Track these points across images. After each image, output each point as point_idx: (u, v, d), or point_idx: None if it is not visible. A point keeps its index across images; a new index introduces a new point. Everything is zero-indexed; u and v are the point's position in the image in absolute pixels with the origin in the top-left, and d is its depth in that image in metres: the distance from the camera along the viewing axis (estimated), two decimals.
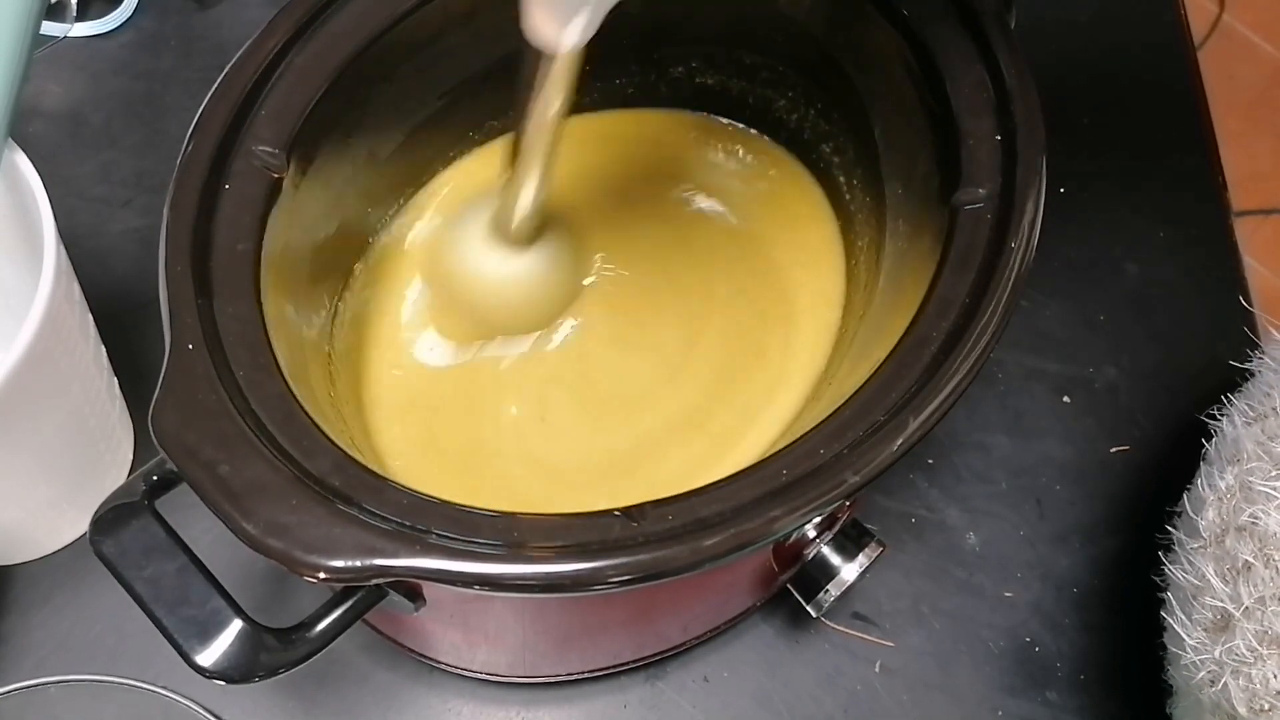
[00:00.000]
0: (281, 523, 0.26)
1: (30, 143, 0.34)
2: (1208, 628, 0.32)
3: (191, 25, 0.52)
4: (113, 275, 0.46)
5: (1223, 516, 0.33)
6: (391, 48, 0.34)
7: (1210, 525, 0.34)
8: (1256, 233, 1.05)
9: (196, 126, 0.32)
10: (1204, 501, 0.34)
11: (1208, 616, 0.32)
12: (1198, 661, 0.32)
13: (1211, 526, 0.34)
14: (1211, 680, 0.32)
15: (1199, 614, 0.33)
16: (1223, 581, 0.32)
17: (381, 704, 0.39)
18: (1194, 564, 0.33)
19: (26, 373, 0.31)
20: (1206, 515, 0.34)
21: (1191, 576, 0.33)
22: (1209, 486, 0.35)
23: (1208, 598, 0.32)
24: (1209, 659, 0.32)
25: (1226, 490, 0.34)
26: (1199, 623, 0.33)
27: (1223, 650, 0.31)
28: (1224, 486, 0.34)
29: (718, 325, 0.39)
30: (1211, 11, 1.12)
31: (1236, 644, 0.31)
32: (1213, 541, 0.33)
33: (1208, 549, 0.33)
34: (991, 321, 0.29)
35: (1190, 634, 0.33)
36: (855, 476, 0.27)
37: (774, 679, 0.40)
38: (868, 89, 0.36)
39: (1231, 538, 0.32)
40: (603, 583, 0.26)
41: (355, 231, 0.38)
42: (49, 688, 0.38)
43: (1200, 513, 0.34)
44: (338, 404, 0.35)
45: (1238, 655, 0.31)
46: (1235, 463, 0.34)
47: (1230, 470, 0.34)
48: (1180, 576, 0.34)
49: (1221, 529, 0.33)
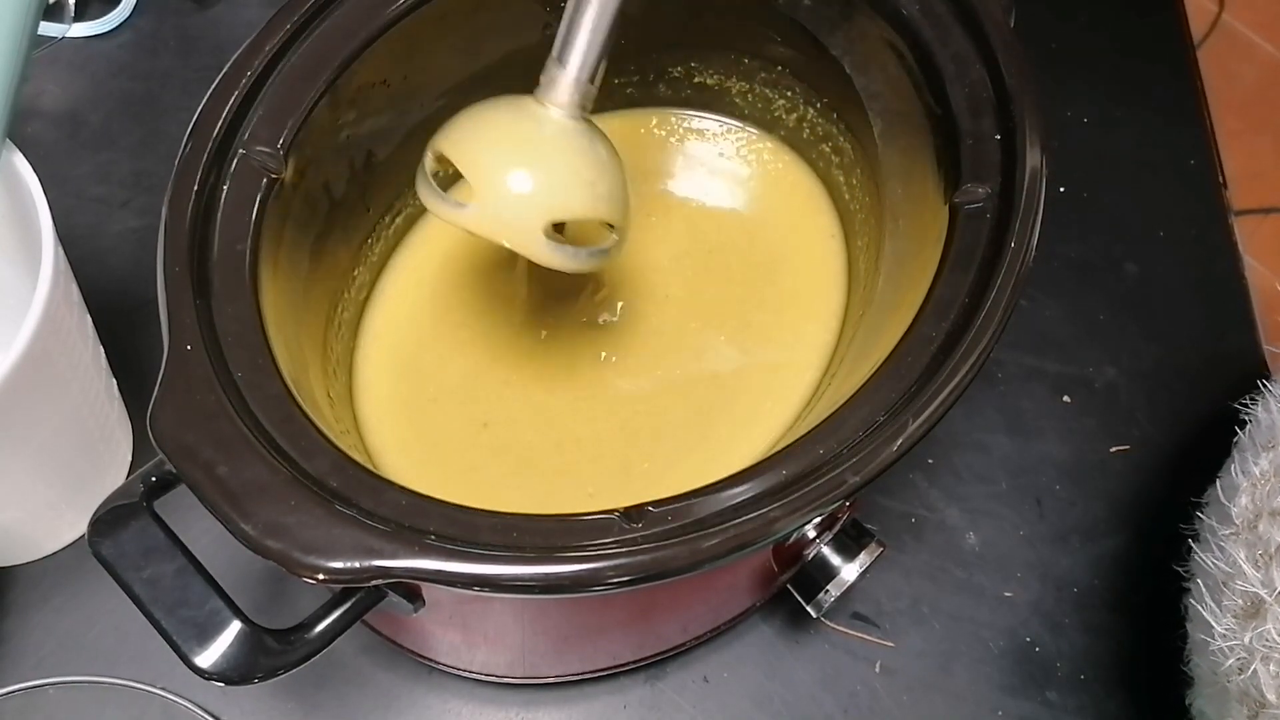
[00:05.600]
0: (280, 524, 0.26)
1: (29, 143, 0.34)
2: (1238, 614, 0.32)
3: (189, 25, 0.52)
4: (111, 275, 0.46)
5: (1256, 501, 0.33)
6: (390, 48, 0.34)
7: (1243, 511, 0.34)
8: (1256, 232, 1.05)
9: (195, 126, 0.32)
10: (1237, 488, 0.34)
11: (1238, 603, 0.32)
12: (1226, 649, 0.32)
13: (1244, 512, 0.34)
14: (1240, 667, 0.32)
15: (1229, 600, 0.33)
16: (1254, 567, 0.32)
17: (381, 705, 0.39)
18: (1225, 550, 0.33)
19: (25, 373, 0.31)
20: (1239, 501, 0.34)
21: (1222, 563, 0.33)
22: (1242, 473, 0.35)
23: (1239, 583, 0.32)
24: (1238, 645, 0.32)
25: (1261, 475, 0.34)
26: (1229, 609, 0.33)
27: (1253, 636, 0.31)
28: (1258, 472, 0.34)
29: (717, 325, 0.39)
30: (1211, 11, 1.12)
31: (1268, 629, 0.31)
32: (1245, 527, 0.33)
33: (1240, 535, 0.33)
34: (991, 321, 0.29)
35: (1219, 621, 0.33)
36: (855, 476, 0.27)
37: (774, 679, 0.40)
38: (867, 89, 0.36)
39: (1265, 522, 0.32)
40: (602, 583, 0.26)
41: (354, 232, 0.38)
42: (49, 688, 0.38)
43: (1233, 499, 0.34)
44: (336, 404, 0.35)
45: (1269, 641, 0.31)
46: (1270, 448, 0.34)
47: (1265, 455, 0.34)
48: (1210, 564, 0.34)
49: (1254, 514, 0.33)
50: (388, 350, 0.38)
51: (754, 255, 0.40)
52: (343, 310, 0.37)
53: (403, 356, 0.38)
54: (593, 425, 0.37)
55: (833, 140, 0.39)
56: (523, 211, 0.29)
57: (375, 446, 0.37)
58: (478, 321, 0.39)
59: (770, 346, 0.38)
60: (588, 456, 0.36)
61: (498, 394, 0.38)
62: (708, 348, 0.38)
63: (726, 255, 0.40)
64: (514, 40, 0.38)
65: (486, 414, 0.37)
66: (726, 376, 0.38)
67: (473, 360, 0.38)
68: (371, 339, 0.38)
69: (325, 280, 0.36)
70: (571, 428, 0.37)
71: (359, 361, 0.38)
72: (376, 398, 0.37)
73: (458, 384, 0.38)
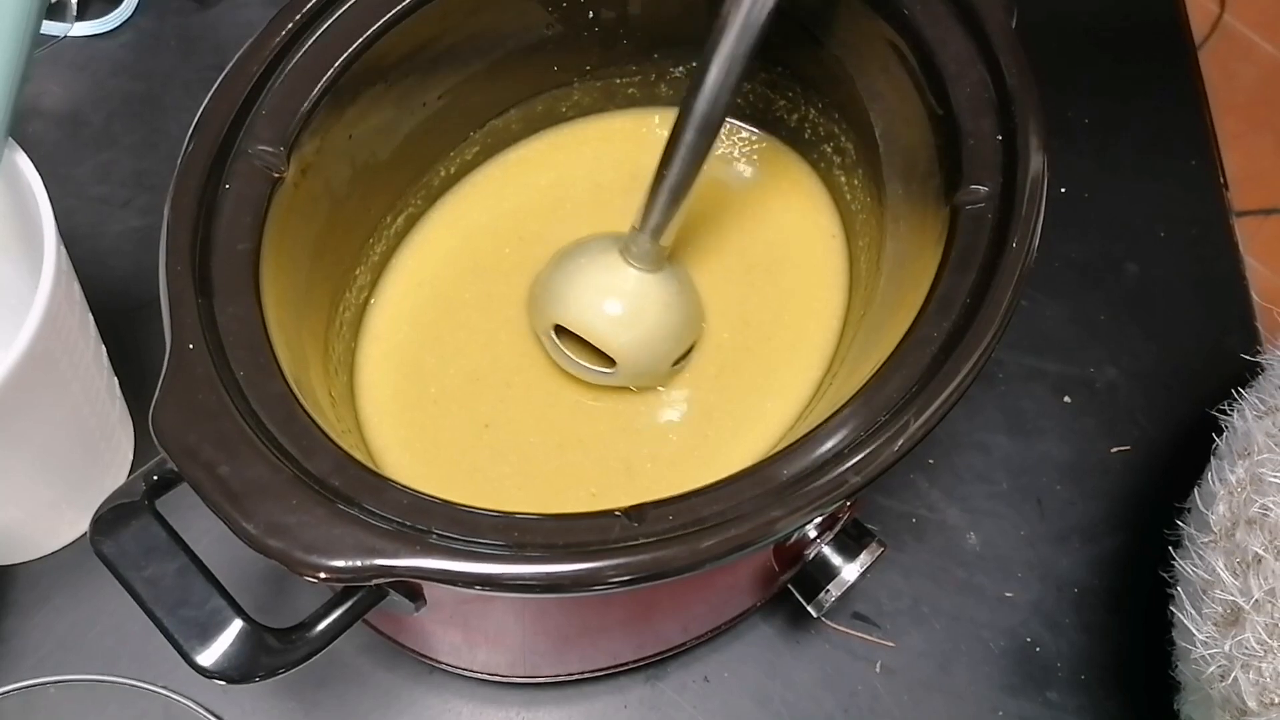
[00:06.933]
0: (282, 523, 0.26)
1: (30, 143, 0.34)
2: (1217, 622, 0.32)
3: (191, 25, 0.52)
4: (113, 275, 0.46)
5: (1233, 510, 0.34)
6: (392, 47, 0.34)
7: (1220, 519, 0.34)
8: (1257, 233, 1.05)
9: (196, 126, 0.32)
10: (1214, 496, 0.34)
11: (1217, 611, 0.32)
12: (1207, 656, 0.32)
13: (1222, 520, 0.34)
14: (1221, 675, 0.32)
15: (1209, 608, 0.33)
16: (1233, 575, 0.32)
17: (381, 704, 0.39)
18: (1204, 558, 0.33)
19: (26, 372, 0.31)
20: (1217, 509, 0.34)
21: (1201, 571, 0.33)
22: (1219, 480, 0.35)
23: (1218, 591, 0.32)
24: (1219, 653, 0.32)
25: (1237, 484, 0.34)
26: (1209, 617, 0.33)
27: (1232, 644, 0.31)
28: (1234, 480, 0.34)
29: (718, 325, 0.39)
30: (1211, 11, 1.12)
31: (1246, 637, 0.31)
32: (1223, 535, 0.33)
33: (1218, 543, 0.33)
34: (992, 322, 0.29)
35: (1200, 629, 0.33)
36: (856, 476, 0.27)
37: (774, 679, 0.40)
38: (868, 89, 0.36)
39: (1242, 530, 0.33)
40: (603, 583, 0.26)
41: (355, 231, 0.38)
42: (49, 688, 0.38)
43: (1210, 507, 0.34)
44: (338, 404, 0.35)
45: (1248, 649, 0.31)
46: (1246, 456, 0.34)
47: (1241, 464, 0.34)
48: (1190, 571, 0.34)
49: (1232, 522, 0.33)
50: (389, 350, 0.38)
51: (754, 255, 0.40)
52: (344, 310, 0.37)
53: (404, 356, 0.38)
54: (594, 426, 0.37)
55: (834, 140, 0.39)
56: (653, 366, 0.37)
57: (377, 446, 0.37)
58: (479, 322, 0.39)
59: (771, 346, 0.38)
60: (590, 457, 0.37)
61: (500, 394, 0.38)
62: (707, 348, 0.38)
63: (727, 255, 0.40)
64: (514, 40, 0.38)
65: (488, 414, 0.37)
66: (727, 376, 0.38)
67: (474, 361, 0.38)
68: (373, 339, 0.38)
69: (327, 280, 0.36)
70: (573, 428, 0.37)
71: (360, 361, 0.38)
72: (378, 398, 0.37)
73: (459, 384, 0.38)
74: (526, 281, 0.39)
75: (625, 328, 0.36)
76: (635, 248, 0.35)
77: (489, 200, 0.41)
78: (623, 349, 0.35)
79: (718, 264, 0.40)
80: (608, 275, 0.36)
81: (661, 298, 0.36)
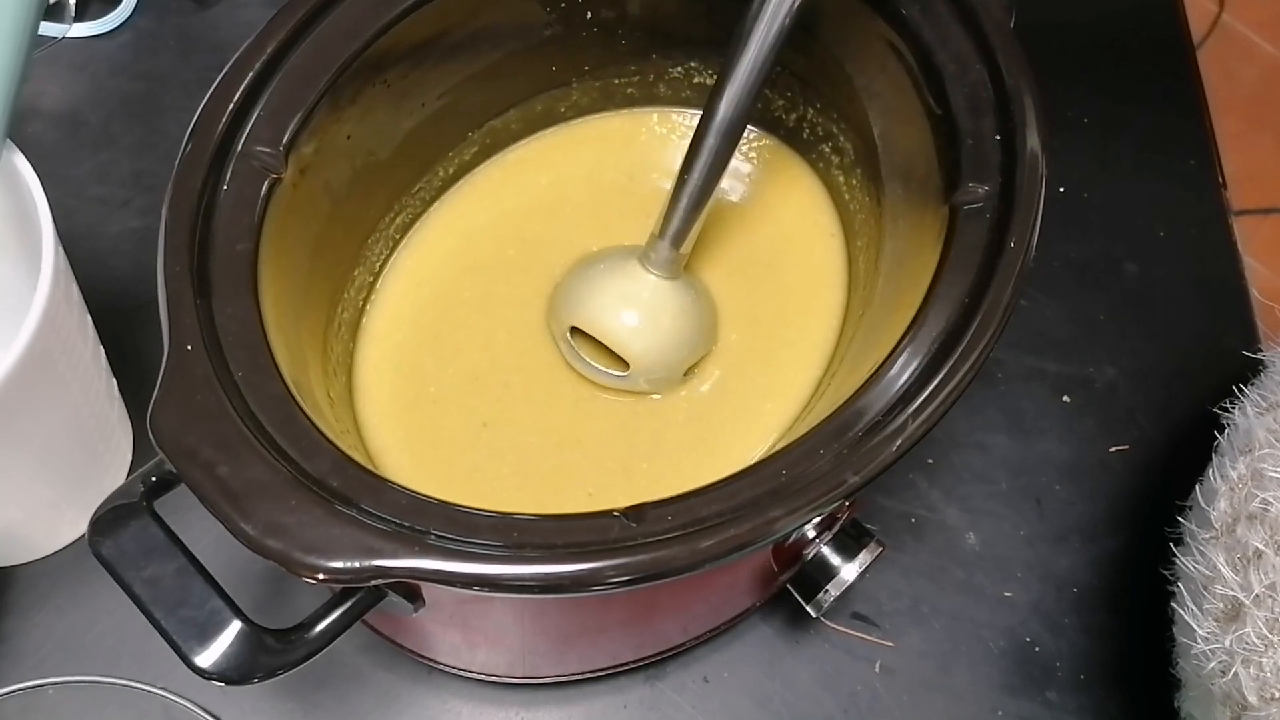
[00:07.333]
0: (280, 524, 0.26)
1: (29, 143, 0.34)
2: (1218, 618, 0.33)
3: (190, 25, 0.52)
4: (111, 275, 0.46)
5: (1234, 505, 0.34)
6: (391, 47, 0.34)
7: (1222, 515, 0.34)
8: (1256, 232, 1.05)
9: (195, 127, 0.32)
10: (1216, 492, 0.35)
11: (1218, 606, 0.33)
12: (1208, 652, 0.32)
13: (1223, 516, 0.34)
14: (1222, 670, 0.32)
15: (1210, 604, 0.33)
16: (1233, 571, 0.32)
17: (381, 705, 0.39)
18: (1205, 554, 0.34)
19: (25, 373, 0.31)
20: (1218, 505, 0.34)
21: (1202, 567, 0.34)
22: (1221, 477, 0.35)
23: (1218, 587, 0.33)
24: (1220, 649, 0.32)
25: (1238, 479, 0.34)
26: (1210, 613, 0.33)
27: (1233, 639, 0.31)
28: (1236, 476, 0.34)
29: (726, 327, 0.39)
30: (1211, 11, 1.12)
31: (1247, 632, 0.31)
32: (1224, 531, 0.34)
33: (1219, 539, 0.34)
34: (991, 321, 0.29)
35: (1201, 624, 0.33)
36: (855, 476, 0.27)
37: (774, 679, 0.40)
38: (867, 89, 0.36)
39: (1243, 526, 0.33)
40: (602, 583, 0.26)
41: (354, 231, 0.38)
42: (49, 688, 0.38)
43: (1212, 503, 0.34)
44: (336, 405, 0.35)
45: (1248, 644, 0.31)
46: (1247, 452, 0.34)
47: (1242, 460, 0.34)
48: (1191, 567, 0.34)
49: (1233, 518, 0.33)
50: (388, 351, 0.38)
51: (753, 254, 0.40)
52: (343, 310, 0.37)
53: (403, 357, 0.38)
54: (593, 425, 0.37)
55: (833, 140, 0.39)
56: (666, 371, 0.37)
57: (375, 447, 0.37)
58: (478, 322, 0.39)
59: (770, 345, 0.38)
60: (588, 457, 0.36)
61: (498, 395, 0.38)
62: (715, 348, 0.38)
63: (726, 254, 0.40)
64: (514, 40, 0.38)
65: (487, 414, 0.37)
66: (726, 376, 0.38)
67: (473, 361, 0.38)
68: (372, 339, 0.38)
69: (326, 280, 0.36)
70: (572, 428, 0.37)
71: (359, 362, 0.38)
72: (377, 398, 0.37)
73: (458, 384, 0.38)
74: (525, 281, 0.39)
75: (639, 331, 0.36)
76: (655, 254, 0.36)
77: (488, 200, 0.41)
78: (635, 351, 0.36)
79: (717, 263, 0.40)
80: (625, 280, 0.36)
81: (678, 304, 0.36)
